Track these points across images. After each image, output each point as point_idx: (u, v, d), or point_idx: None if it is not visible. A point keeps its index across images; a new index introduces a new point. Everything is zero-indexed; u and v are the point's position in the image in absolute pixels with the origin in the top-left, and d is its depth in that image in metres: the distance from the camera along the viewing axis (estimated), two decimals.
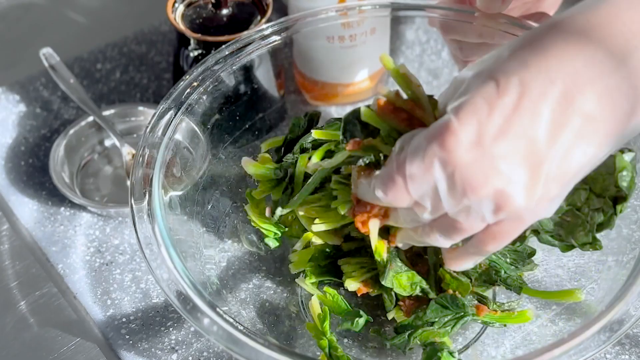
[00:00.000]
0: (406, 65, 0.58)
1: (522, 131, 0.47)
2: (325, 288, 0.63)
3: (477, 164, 0.48)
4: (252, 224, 0.67)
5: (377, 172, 0.53)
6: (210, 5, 0.77)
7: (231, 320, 0.54)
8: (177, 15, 0.77)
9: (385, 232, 0.59)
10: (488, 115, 0.47)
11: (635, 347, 0.64)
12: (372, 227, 0.56)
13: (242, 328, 0.54)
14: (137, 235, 0.58)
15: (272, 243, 0.66)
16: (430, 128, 0.50)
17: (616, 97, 0.48)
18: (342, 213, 0.60)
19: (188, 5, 0.77)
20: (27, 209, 0.75)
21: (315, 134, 0.64)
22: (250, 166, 0.66)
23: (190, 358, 0.65)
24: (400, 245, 0.58)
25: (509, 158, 0.47)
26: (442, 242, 0.53)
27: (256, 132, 0.74)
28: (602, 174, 0.57)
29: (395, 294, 0.62)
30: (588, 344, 0.52)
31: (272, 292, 0.67)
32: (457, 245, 0.56)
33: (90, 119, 0.78)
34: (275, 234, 0.66)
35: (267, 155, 0.68)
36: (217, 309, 0.54)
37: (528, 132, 0.47)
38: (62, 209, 0.75)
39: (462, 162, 0.48)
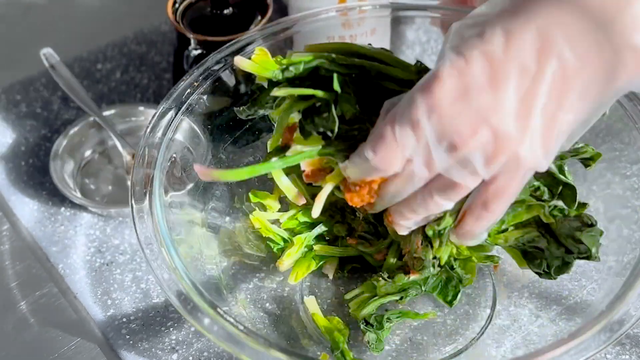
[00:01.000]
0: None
1: (506, 80, 0.48)
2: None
3: (465, 112, 0.48)
4: (261, 232, 0.66)
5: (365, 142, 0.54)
6: (210, 5, 0.77)
7: (231, 320, 0.54)
8: (177, 15, 0.77)
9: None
10: (473, 65, 0.48)
11: (635, 347, 0.64)
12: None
13: (242, 328, 0.54)
14: (137, 235, 0.58)
15: (278, 251, 0.67)
16: (418, 83, 0.51)
17: (595, 53, 0.48)
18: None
19: (188, 5, 0.77)
20: (27, 209, 0.75)
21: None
22: (247, 65, 0.59)
23: (190, 358, 0.65)
24: (399, 225, 0.58)
25: (497, 107, 0.48)
26: (440, 204, 0.53)
27: (256, 132, 0.74)
28: (568, 229, 0.59)
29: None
30: (588, 344, 0.52)
31: (272, 292, 0.67)
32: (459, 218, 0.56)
33: (91, 119, 0.78)
34: (284, 240, 0.66)
35: (263, 50, 0.60)
36: (218, 309, 0.54)
37: (512, 82, 0.48)
38: (63, 209, 0.75)
39: (450, 112, 0.48)
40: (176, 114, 0.65)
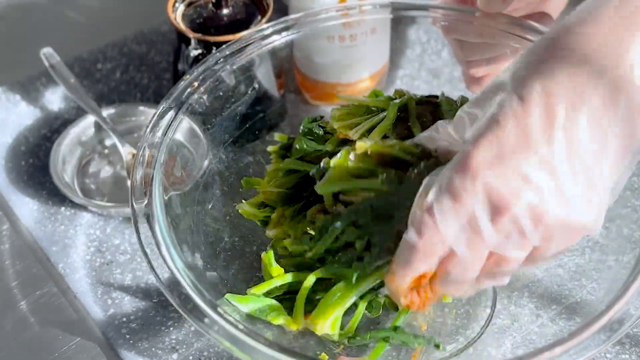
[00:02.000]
0: (408, 65, 0.59)
1: (540, 142, 0.48)
2: None
3: (502, 178, 0.48)
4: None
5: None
6: (210, 5, 0.77)
7: (232, 319, 0.54)
8: (177, 15, 0.77)
9: None
10: (502, 131, 0.48)
11: (635, 346, 0.64)
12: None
13: (242, 327, 0.54)
14: (137, 234, 0.58)
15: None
16: (450, 162, 0.50)
17: (611, 118, 0.49)
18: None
19: (188, 5, 0.77)
20: (27, 209, 0.75)
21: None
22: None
23: (190, 357, 0.65)
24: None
25: (533, 167, 0.48)
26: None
27: (256, 132, 0.74)
28: None
29: None
30: (588, 344, 0.52)
31: None
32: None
33: (91, 118, 0.78)
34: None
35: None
36: (218, 309, 0.55)
37: (546, 142, 0.48)
38: (63, 208, 0.75)
39: (488, 180, 0.48)
40: (176, 114, 0.65)
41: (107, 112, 0.79)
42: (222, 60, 0.69)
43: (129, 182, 0.75)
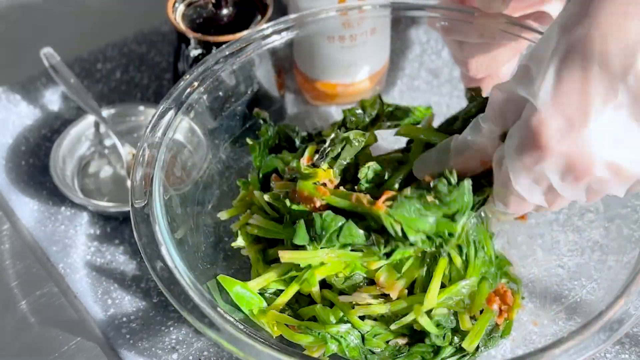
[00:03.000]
0: (408, 65, 0.59)
1: (602, 106, 0.48)
2: None
3: (577, 146, 0.49)
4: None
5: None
6: (210, 5, 0.77)
7: (232, 319, 0.54)
8: (177, 15, 0.77)
9: None
10: (572, 99, 0.49)
11: (635, 346, 0.64)
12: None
13: (242, 327, 0.54)
14: (137, 234, 0.58)
15: None
16: (518, 133, 0.51)
17: None
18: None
19: (188, 5, 0.77)
20: (27, 209, 0.75)
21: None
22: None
23: (190, 357, 0.65)
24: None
25: (602, 130, 0.49)
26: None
27: (256, 132, 0.74)
28: None
29: None
30: (588, 343, 0.52)
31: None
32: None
33: (91, 118, 0.78)
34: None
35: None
36: (218, 308, 0.55)
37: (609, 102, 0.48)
38: (63, 208, 0.75)
39: (561, 151, 0.49)
40: (176, 114, 0.65)
41: (107, 112, 0.79)
42: (222, 60, 0.69)
43: (129, 182, 0.75)
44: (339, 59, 0.78)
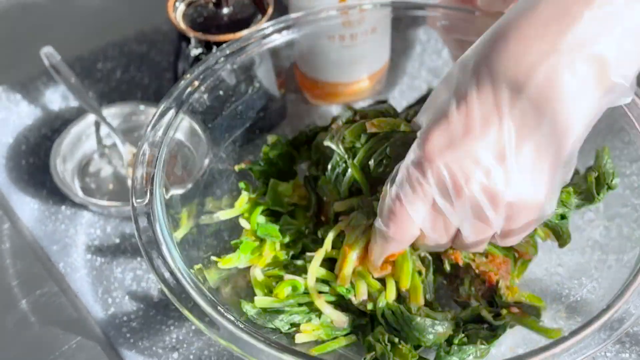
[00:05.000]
0: (408, 64, 0.60)
1: (485, 127, 0.51)
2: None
3: (455, 163, 0.51)
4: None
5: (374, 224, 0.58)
6: (211, 4, 0.77)
7: (232, 318, 0.54)
8: (177, 14, 0.77)
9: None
10: (452, 119, 0.52)
11: (635, 345, 0.64)
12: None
13: (243, 326, 0.54)
14: (138, 234, 0.58)
15: None
16: (410, 150, 0.54)
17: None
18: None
19: (189, 5, 0.77)
20: (28, 208, 0.75)
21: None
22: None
23: (191, 357, 0.65)
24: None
25: (481, 150, 0.51)
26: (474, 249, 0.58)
27: (257, 131, 0.74)
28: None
29: None
30: (588, 343, 0.52)
31: None
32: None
33: (91, 118, 0.78)
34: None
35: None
36: (219, 307, 0.55)
37: (492, 128, 0.51)
38: (63, 207, 0.75)
39: (442, 165, 0.52)
40: (177, 113, 0.65)
41: (108, 111, 0.79)
42: (222, 59, 0.69)
43: (129, 181, 0.75)
44: (340, 58, 0.78)
